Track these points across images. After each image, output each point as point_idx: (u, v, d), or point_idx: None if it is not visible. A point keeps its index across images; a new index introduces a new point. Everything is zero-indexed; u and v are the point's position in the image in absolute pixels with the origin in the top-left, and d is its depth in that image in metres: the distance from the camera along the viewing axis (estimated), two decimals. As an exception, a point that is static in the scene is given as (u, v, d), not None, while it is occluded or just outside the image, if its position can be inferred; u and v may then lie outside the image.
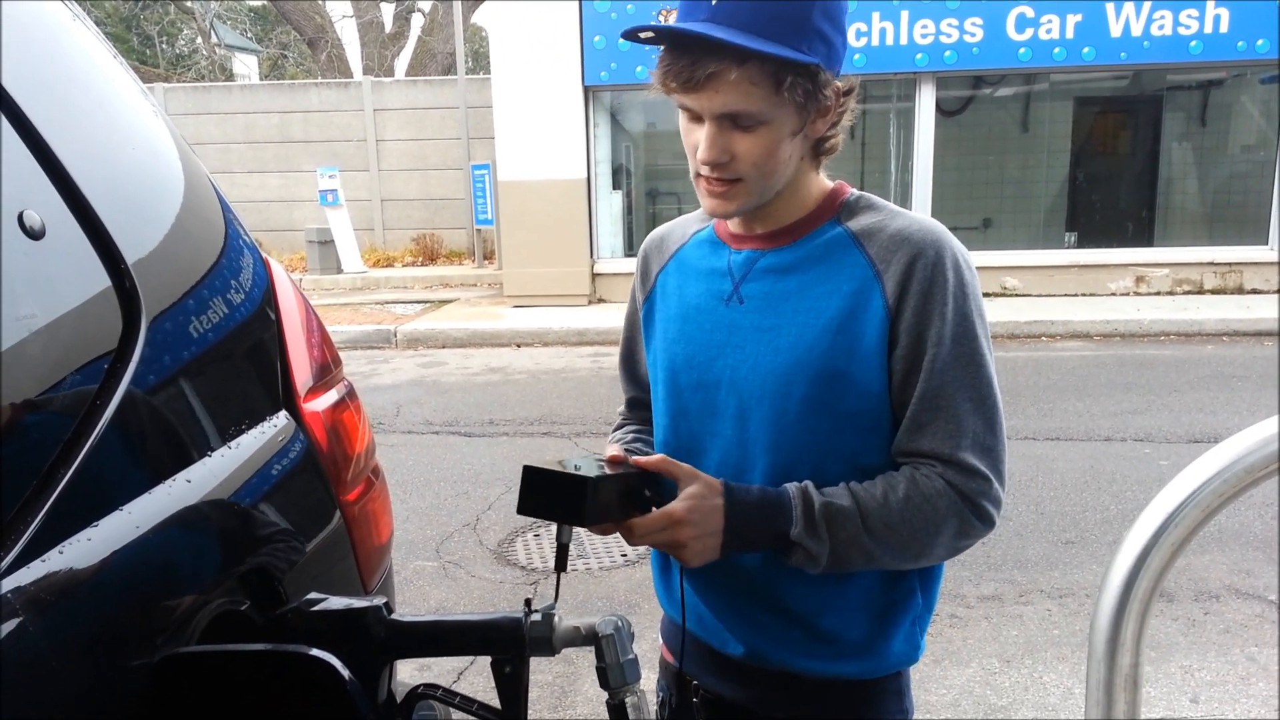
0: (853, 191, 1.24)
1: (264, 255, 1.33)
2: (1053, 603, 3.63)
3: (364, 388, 7.52)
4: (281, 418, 1.17)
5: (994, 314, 8.88)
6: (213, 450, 1.00)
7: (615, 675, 0.87)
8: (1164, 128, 11.38)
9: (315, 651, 0.80)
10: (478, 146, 13.59)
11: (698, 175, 1.16)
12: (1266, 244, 9.99)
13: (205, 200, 1.25)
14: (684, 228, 1.35)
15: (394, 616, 0.88)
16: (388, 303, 11.29)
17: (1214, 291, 9.88)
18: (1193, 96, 11.16)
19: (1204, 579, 3.74)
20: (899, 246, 1.14)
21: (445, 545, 4.30)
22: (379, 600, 0.88)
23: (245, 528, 1.00)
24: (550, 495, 1.04)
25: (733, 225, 1.26)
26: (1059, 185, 11.49)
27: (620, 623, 0.90)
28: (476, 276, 12.94)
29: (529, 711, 0.89)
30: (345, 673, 0.79)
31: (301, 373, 1.25)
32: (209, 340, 1.08)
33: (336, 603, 0.88)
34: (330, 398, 1.32)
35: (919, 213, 1.21)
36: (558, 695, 3.08)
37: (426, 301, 11.26)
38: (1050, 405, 6.25)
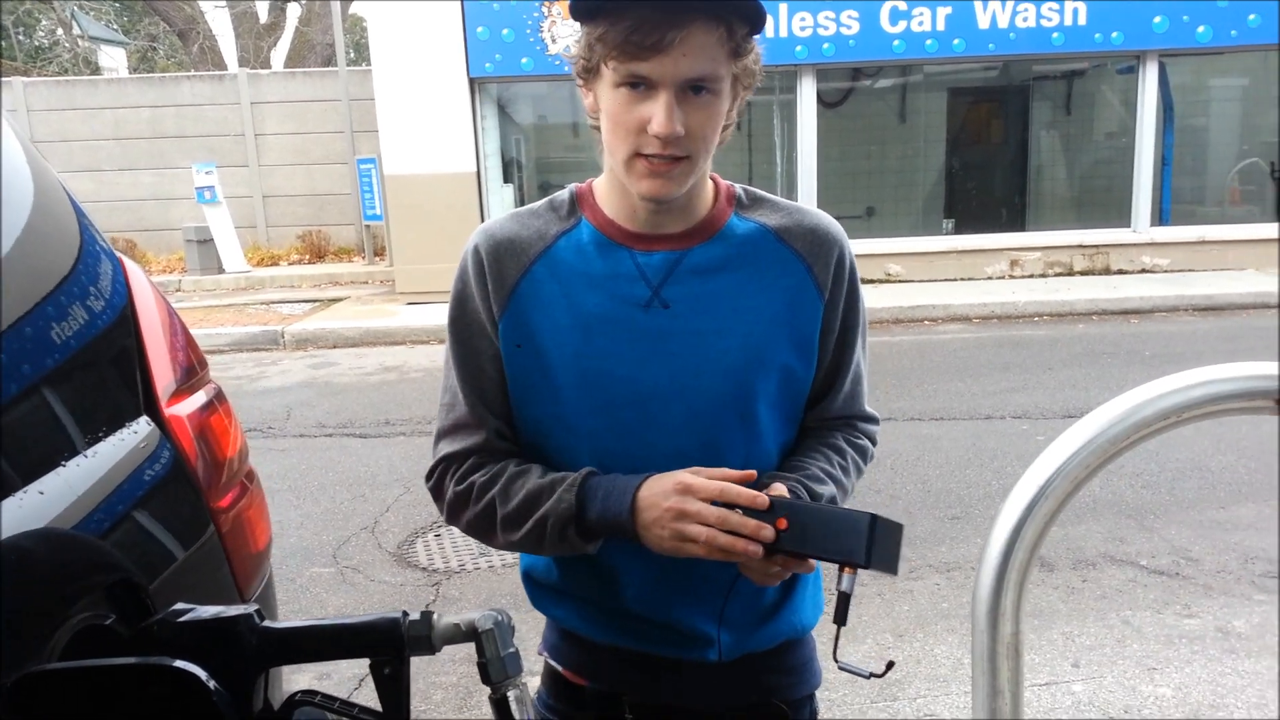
0: (734, 184, 1.24)
1: (120, 257, 1.26)
2: (941, 577, 3.75)
3: (251, 391, 7.28)
4: (143, 424, 1.12)
5: (879, 300, 9.14)
6: (67, 460, 0.94)
7: (496, 669, 0.86)
8: (1032, 116, 11.88)
9: (180, 663, 0.76)
10: (362, 140, 13.28)
11: (636, 155, 1.07)
12: (1130, 226, 10.52)
13: (56, 204, 1.18)
14: (534, 227, 1.20)
15: (266, 624, 0.85)
16: (274, 302, 10.95)
17: (1083, 273, 10.36)
18: (1058, 86, 11.68)
19: (1080, 548, 3.92)
20: (821, 241, 1.20)
21: (343, 550, 4.19)
22: (250, 608, 0.85)
23: (106, 538, 0.95)
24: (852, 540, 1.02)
25: (628, 223, 1.17)
26: (936, 174, 11.89)
27: (500, 617, 0.89)
28: (367, 274, 12.66)
29: (411, 713, 0.87)
30: (211, 684, 0.75)
31: (163, 377, 1.19)
32: (62, 347, 1.02)
33: (205, 612, 0.84)
34: (196, 401, 1.27)
35: (805, 204, 1.26)
36: (462, 696, 3.04)
37: (315, 300, 10.97)
38: (934, 387, 6.45)
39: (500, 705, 0.86)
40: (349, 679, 3.06)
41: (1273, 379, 1.38)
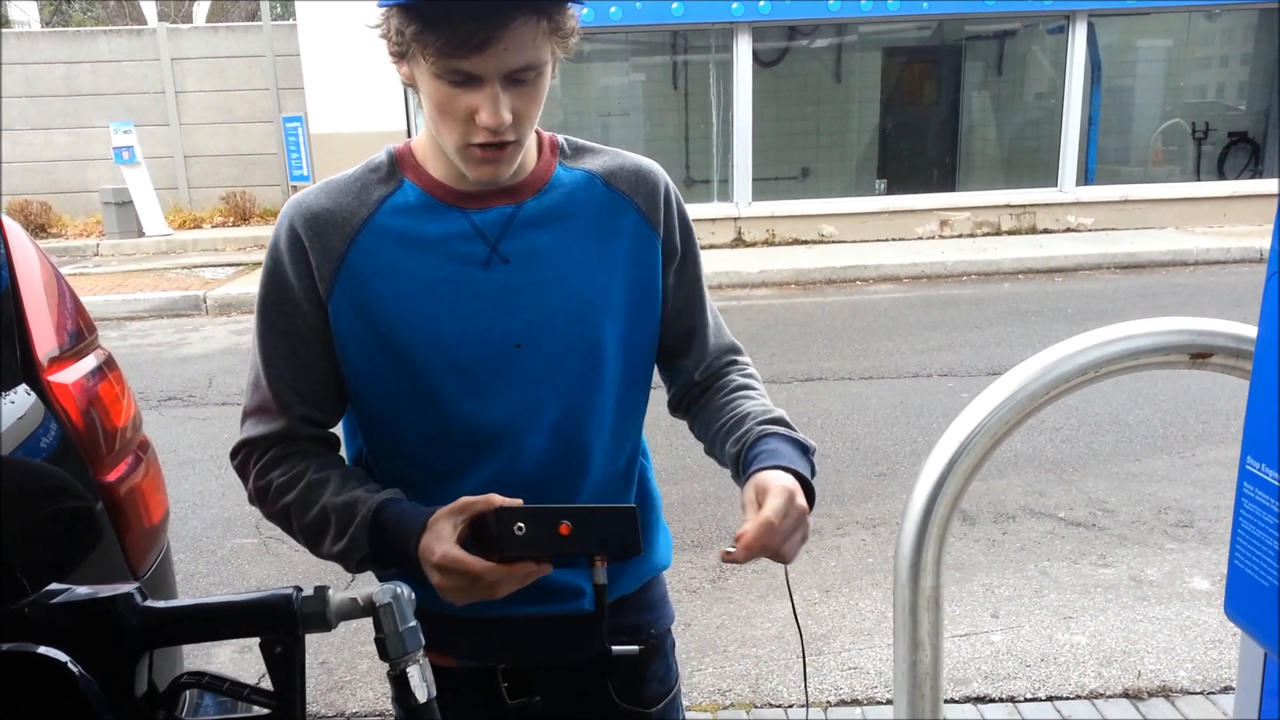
0: (555, 134, 1.23)
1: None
2: (867, 533, 3.81)
3: (172, 358, 7.09)
4: (20, 392, 1.06)
5: (812, 261, 9.20)
6: (-67, 433, 0.89)
7: (395, 645, 0.83)
8: (965, 77, 11.99)
9: (43, 649, 0.73)
10: (288, 97, 12.91)
11: (468, 145, 1.05)
12: (1056, 186, 10.71)
13: None
14: (354, 194, 1.14)
15: (149, 603, 0.81)
16: (196, 266, 10.65)
17: (1010, 232, 10.54)
18: (990, 46, 11.80)
19: (1001, 501, 4.01)
20: (644, 179, 1.22)
21: (266, 521, 4.10)
22: (129, 587, 0.81)
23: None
24: (596, 530, 1.03)
25: (457, 184, 1.14)
26: (870, 134, 11.96)
27: (399, 589, 0.86)
28: (293, 236, 12.35)
29: (306, 692, 0.84)
30: (76, 670, 0.72)
31: (45, 343, 1.13)
32: None
33: (81, 592, 0.80)
34: (82, 368, 1.20)
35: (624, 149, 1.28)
36: (386, 662, 3.02)
37: (239, 264, 10.68)
38: (864, 346, 6.53)
39: (399, 681, 0.84)
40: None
41: (1187, 334, 1.41)
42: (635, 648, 1.16)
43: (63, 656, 0.73)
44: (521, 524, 1.00)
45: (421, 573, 1.05)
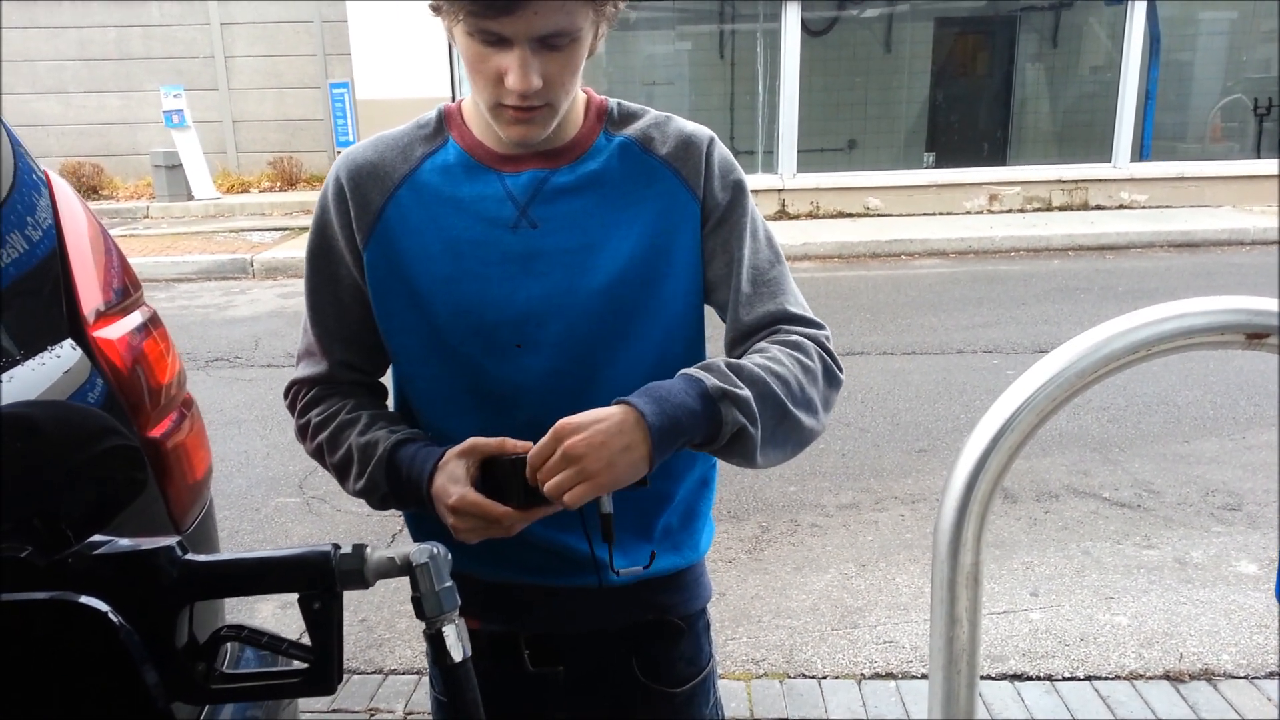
0: (608, 99, 1.21)
1: (48, 174, 1.20)
2: (906, 508, 3.78)
3: (219, 320, 7.20)
4: (66, 347, 1.07)
5: (856, 234, 9.10)
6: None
7: (431, 604, 0.84)
8: (1019, 49, 11.71)
9: (84, 599, 0.74)
10: (335, 63, 12.97)
11: (499, 105, 1.04)
12: (1110, 161, 10.46)
13: None
14: (400, 150, 1.16)
15: (189, 557, 0.82)
16: (243, 230, 10.77)
17: (1061, 208, 10.33)
18: (1045, 18, 11.50)
19: (1044, 480, 3.96)
20: (686, 144, 1.17)
21: (309, 480, 4.18)
22: (171, 540, 0.82)
23: (19, 469, 0.91)
24: None
25: (496, 146, 1.14)
26: (919, 106, 11.74)
27: (436, 550, 0.86)
28: (339, 202, 12.44)
29: (344, 648, 0.85)
30: (116, 620, 0.73)
31: (91, 298, 1.14)
32: None
33: (123, 544, 0.81)
34: (128, 324, 1.22)
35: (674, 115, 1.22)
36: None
37: (286, 229, 10.79)
38: (907, 321, 6.45)
39: (435, 640, 0.84)
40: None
41: (1243, 313, 1.37)
42: (639, 567, 1.18)
43: (103, 606, 0.74)
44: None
45: (436, 513, 1.08)
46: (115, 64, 13.86)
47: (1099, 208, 10.31)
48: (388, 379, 1.28)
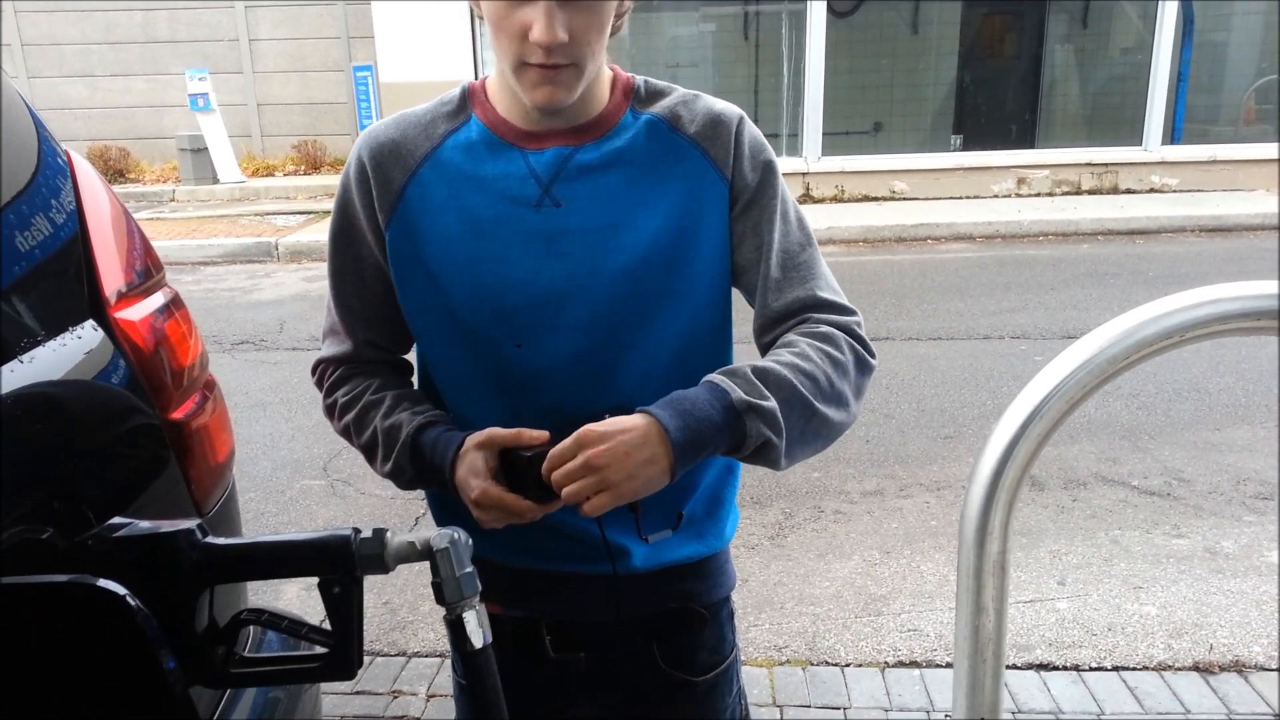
0: (635, 76, 1.19)
1: (70, 154, 1.19)
2: (931, 495, 3.75)
3: (244, 303, 7.23)
4: (88, 328, 1.07)
5: (882, 218, 9.01)
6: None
7: (452, 590, 0.82)
8: (1048, 30, 11.53)
9: (102, 582, 0.73)
10: (359, 46, 12.96)
11: (523, 64, 1.02)
12: (1141, 145, 10.31)
13: (13, 111, 1.12)
14: (422, 128, 1.14)
15: (210, 540, 0.81)
16: (268, 214, 10.82)
17: (1090, 192, 10.19)
18: (1076, 0, 11.32)
19: (1072, 467, 3.91)
20: (715, 123, 1.14)
21: (333, 463, 4.20)
22: (191, 523, 0.81)
23: (40, 450, 0.91)
24: None
25: (520, 122, 1.12)
26: (946, 88, 11.60)
27: (456, 535, 0.85)
28: (362, 185, 12.45)
29: (365, 631, 0.84)
30: (134, 603, 0.72)
31: (112, 279, 1.14)
32: (26, 255, 0.96)
33: (143, 527, 0.81)
34: (149, 305, 1.21)
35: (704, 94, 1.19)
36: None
37: (310, 212, 10.82)
38: (933, 306, 6.39)
39: (455, 626, 0.83)
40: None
41: (1277, 298, 1.34)
42: (668, 530, 1.18)
43: (121, 590, 0.73)
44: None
45: (458, 495, 1.09)
46: (141, 47, 13.91)
47: (1129, 191, 10.16)
48: (413, 354, 1.28)
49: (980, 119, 11.53)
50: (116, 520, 0.81)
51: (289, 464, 4.21)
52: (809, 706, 2.56)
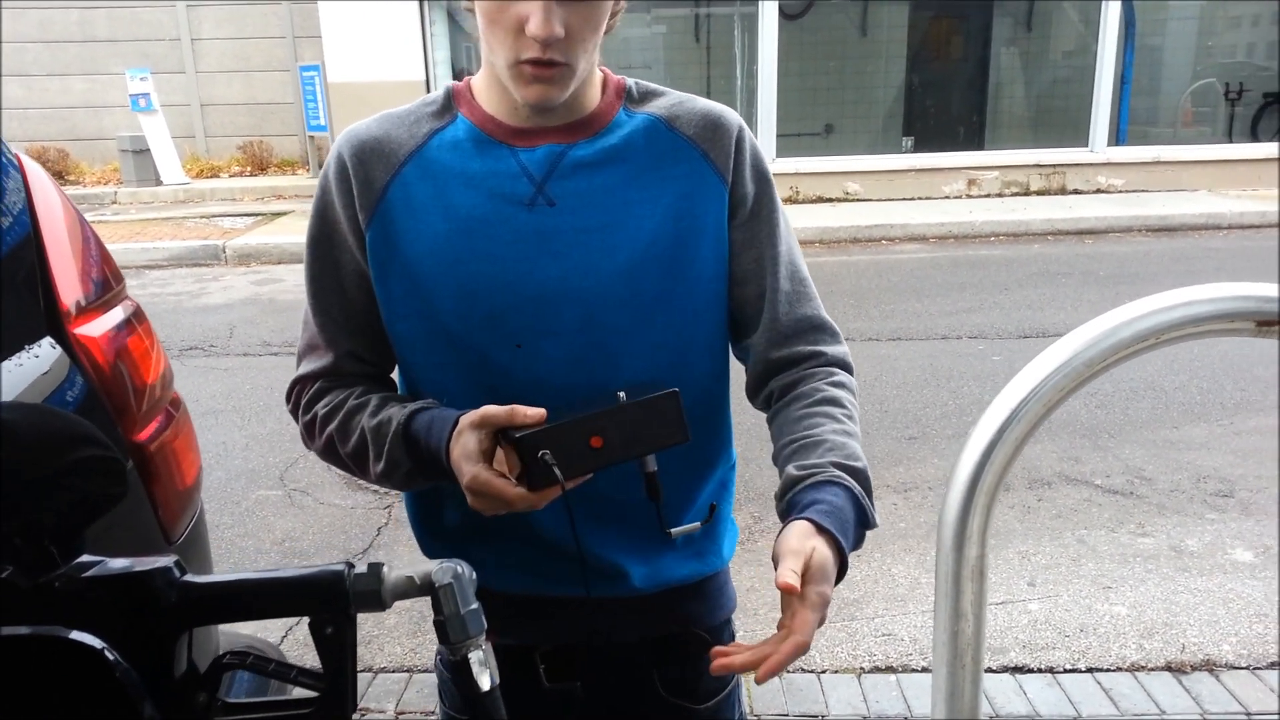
0: (625, 78, 1.15)
1: (20, 158, 1.11)
2: (899, 496, 3.74)
3: (192, 308, 7.04)
4: (45, 346, 0.99)
5: (837, 219, 9.05)
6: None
7: (456, 629, 0.76)
8: (994, 33, 11.69)
9: (76, 635, 0.66)
10: (305, 46, 12.72)
11: (517, 60, 0.98)
12: (1087, 146, 10.48)
13: None
14: (406, 126, 1.10)
15: (189, 578, 0.74)
16: (215, 216, 10.57)
17: (1039, 192, 10.34)
18: (1019, 3, 11.48)
19: (1036, 467, 3.93)
20: (714, 125, 1.11)
21: (290, 472, 4.08)
22: (168, 560, 0.74)
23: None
24: (632, 431, 0.96)
25: (509, 119, 1.07)
26: (896, 90, 11.70)
27: (460, 568, 0.78)
28: (311, 186, 12.12)
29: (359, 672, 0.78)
30: (112, 656, 0.65)
31: (70, 291, 1.05)
32: None
33: (115, 566, 0.73)
34: (110, 320, 1.13)
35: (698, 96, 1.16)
36: (415, 620, 2.98)
37: (258, 214, 10.60)
38: (891, 307, 6.41)
39: (460, 668, 0.76)
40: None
41: (1253, 300, 1.32)
42: (696, 524, 1.11)
43: (98, 643, 0.66)
44: (546, 450, 0.94)
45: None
46: (79, 46, 13.53)
47: (1076, 192, 10.32)
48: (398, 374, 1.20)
49: (930, 121, 11.66)
50: (85, 559, 0.74)
51: (244, 474, 4.09)
52: (787, 715, 2.53)
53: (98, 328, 1.10)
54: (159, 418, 1.18)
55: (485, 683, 0.76)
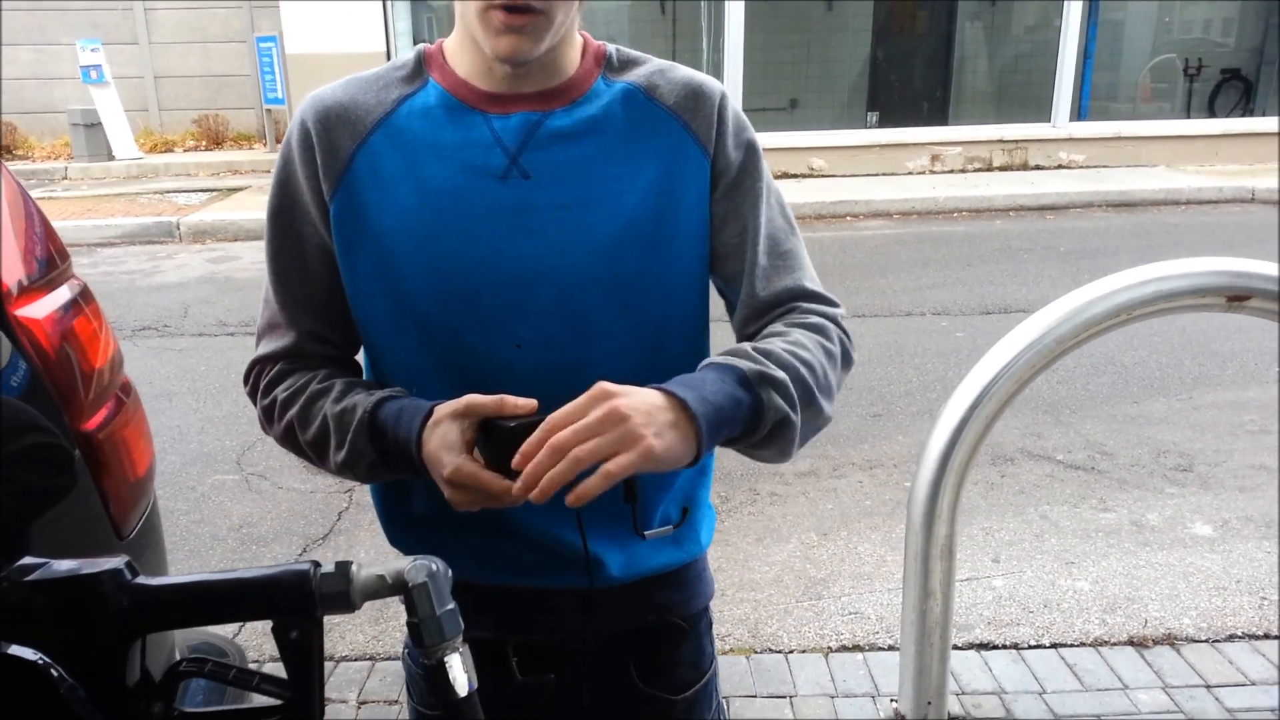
0: (607, 44, 1.10)
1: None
2: (864, 474, 3.75)
3: (145, 286, 6.89)
4: (-16, 331, 0.93)
5: (801, 195, 9.04)
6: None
7: (431, 631, 0.72)
8: (959, 7, 11.68)
9: (15, 649, 0.61)
10: (262, 16, 12.44)
11: (489, 8, 0.92)
12: (1049, 121, 10.53)
13: None
14: (374, 91, 1.04)
15: (141, 580, 0.70)
16: (169, 191, 10.33)
17: (1002, 168, 10.39)
18: (983, -24, 11.49)
19: (999, 444, 3.95)
20: (695, 94, 1.06)
21: (247, 456, 4.00)
22: (118, 561, 0.69)
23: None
24: None
25: (482, 83, 1.02)
26: (861, 65, 11.67)
27: (435, 566, 0.74)
28: (269, 162, 12.00)
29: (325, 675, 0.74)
30: (57, 672, 0.61)
31: (11, 270, 0.99)
32: None
33: (61, 568, 0.69)
34: (55, 301, 1.07)
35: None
36: (379, 606, 2.94)
37: (214, 190, 10.37)
38: (855, 284, 6.42)
39: (436, 672, 0.72)
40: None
41: (1224, 275, 1.31)
42: (669, 527, 1.07)
43: (39, 657, 0.62)
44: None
45: (429, 476, 0.97)
46: (26, 15, 13.12)
47: (1038, 168, 10.38)
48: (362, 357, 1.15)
49: (894, 96, 11.65)
50: (28, 561, 0.69)
51: (199, 458, 4.00)
52: (755, 696, 2.52)
53: (41, 309, 1.04)
54: (108, 404, 1.13)
55: (463, 688, 0.73)
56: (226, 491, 3.70)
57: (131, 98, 12.80)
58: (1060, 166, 10.38)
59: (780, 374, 0.94)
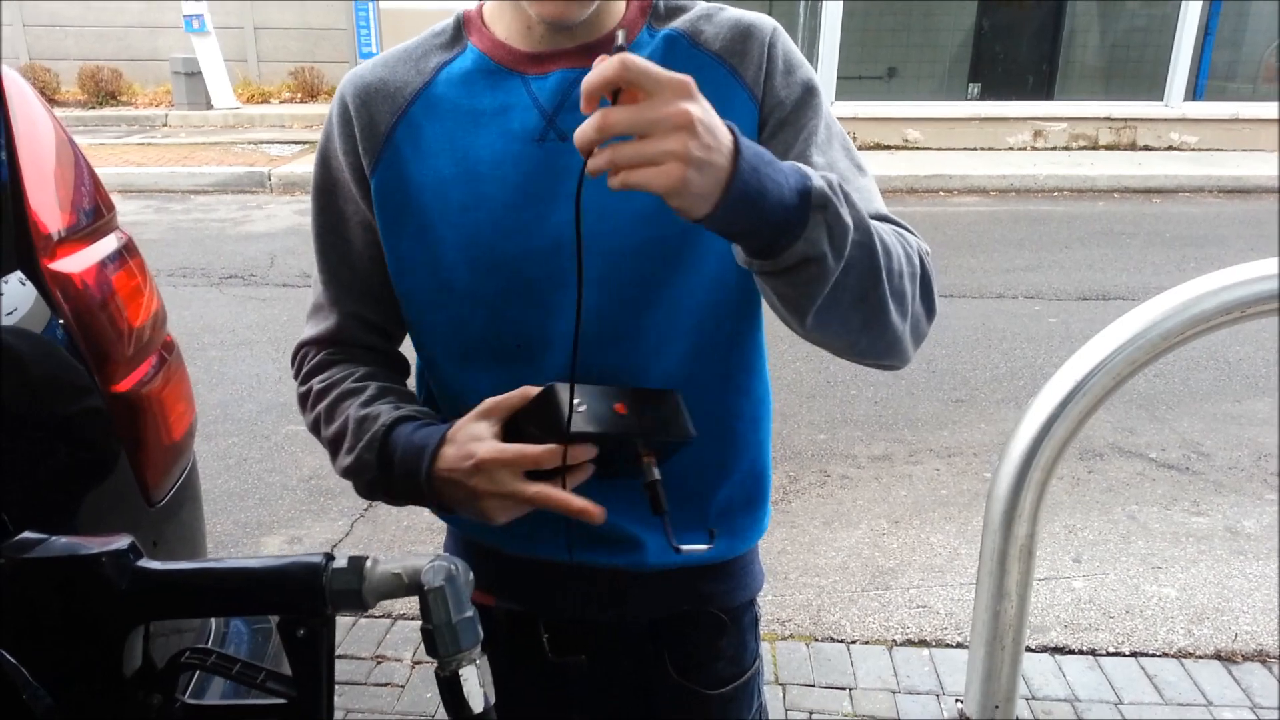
0: None
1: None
2: (941, 462, 3.61)
3: (234, 235, 7.02)
4: (14, 281, 0.89)
5: (893, 168, 8.78)
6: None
7: (446, 640, 0.65)
8: (1071, -24, 11.16)
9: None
10: (359, -29, 12.51)
11: None
12: (1162, 100, 10.03)
13: None
14: (412, 62, 1.00)
15: (143, 564, 0.65)
16: (262, 142, 10.52)
17: (1108, 147, 9.94)
18: (1102, -56, 10.94)
19: (1089, 438, 3.77)
20: (741, 35, 0.96)
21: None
22: (121, 542, 0.65)
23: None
24: (648, 411, 0.88)
25: (521, 43, 0.96)
26: (964, 34, 11.24)
27: (453, 568, 0.68)
28: (360, 115, 12.12)
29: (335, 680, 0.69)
30: (23, 676, 0.56)
31: (50, 220, 0.96)
32: None
33: (58, 545, 0.65)
34: (96, 253, 1.03)
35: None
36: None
37: (306, 142, 10.53)
38: (945, 262, 6.20)
39: (450, 684, 0.66)
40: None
41: None
42: (703, 545, 0.98)
43: (7, 659, 0.57)
44: (581, 400, 0.84)
45: (429, 504, 0.92)
46: (136, -34, 13.47)
47: (1147, 148, 9.90)
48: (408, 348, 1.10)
49: (997, 68, 11.20)
50: (29, 535, 0.65)
51: (275, 408, 4.06)
52: (813, 686, 2.45)
53: (79, 262, 1.00)
54: (148, 362, 1.09)
55: (477, 704, 0.66)
56: (299, 442, 3.75)
57: (231, 48, 13.06)
58: (1171, 148, 9.87)
59: (847, 219, 0.78)
